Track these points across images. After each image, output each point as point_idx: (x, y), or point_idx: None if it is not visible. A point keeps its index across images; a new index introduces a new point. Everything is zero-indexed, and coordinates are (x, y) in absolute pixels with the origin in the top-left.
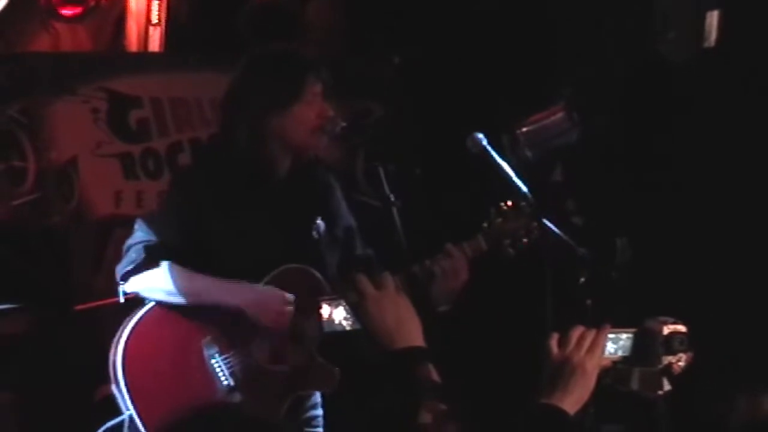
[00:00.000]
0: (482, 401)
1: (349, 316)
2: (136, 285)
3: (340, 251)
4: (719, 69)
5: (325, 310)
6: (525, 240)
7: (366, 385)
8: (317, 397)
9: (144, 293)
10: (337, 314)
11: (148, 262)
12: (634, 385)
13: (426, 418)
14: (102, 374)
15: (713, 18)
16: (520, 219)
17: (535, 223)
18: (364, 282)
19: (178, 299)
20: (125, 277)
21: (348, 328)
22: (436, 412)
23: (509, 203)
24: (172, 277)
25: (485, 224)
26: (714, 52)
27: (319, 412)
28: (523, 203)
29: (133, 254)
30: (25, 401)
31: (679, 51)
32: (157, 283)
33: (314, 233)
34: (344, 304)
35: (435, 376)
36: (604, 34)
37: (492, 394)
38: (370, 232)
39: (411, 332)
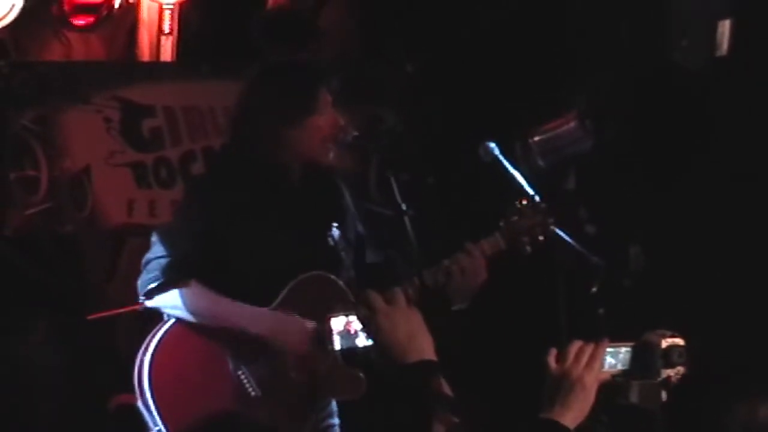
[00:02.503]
0: (494, 414)
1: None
2: (158, 302)
3: (353, 257)
4: (731, 78)
5: (335, 323)
6: (541, 237)
7: (382, 396)
8: (334, 405)
9: (166, 310)
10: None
11: (172, 282)
12: (634, 398)
13: (439, 430)
14: (116, 383)
15: (725, 27)
16: (536, 216)
17: (552, 220)
18: (375, 297)
19: (200, 320)
20: (149, 295)
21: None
22: (449, 424)
23: (525, 201)
24: (195, 300)
25: (501, 222)
26: (726, 61)
27: (336, 420)
28: (539, 200)
29: (156, 271)
30: (38, 410)
31: (691, 60)
32: (179, 303)
33: (330, 240)
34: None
35: (447, 388)
36: (618, 43)
37: (504, 406)
38: (382, 241)
39: (422, 346)
